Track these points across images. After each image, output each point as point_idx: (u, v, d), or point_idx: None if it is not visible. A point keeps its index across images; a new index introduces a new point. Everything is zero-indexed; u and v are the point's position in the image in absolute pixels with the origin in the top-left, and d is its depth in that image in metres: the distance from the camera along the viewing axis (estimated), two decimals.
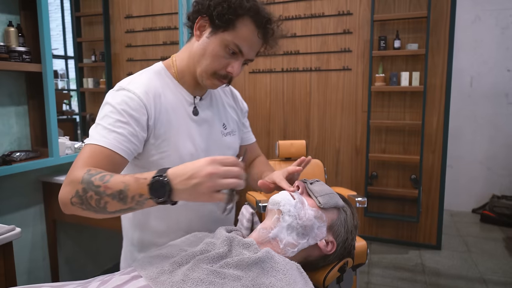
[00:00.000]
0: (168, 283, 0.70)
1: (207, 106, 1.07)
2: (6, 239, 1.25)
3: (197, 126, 1.02)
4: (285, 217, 0.88)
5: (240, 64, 0.96)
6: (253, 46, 0.96)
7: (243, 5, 0.90)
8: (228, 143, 1.09)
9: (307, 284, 0.77)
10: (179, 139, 0.98)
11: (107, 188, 0.75)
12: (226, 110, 1.13)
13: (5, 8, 1.91)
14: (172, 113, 0.98)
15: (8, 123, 1.95)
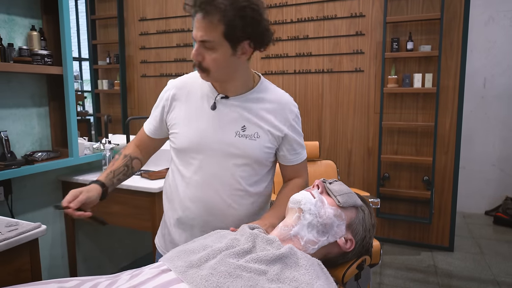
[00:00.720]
0: (197, 276, 0.74)
1: (232, 105, 1.13)
2: (32, 236, 1.30)
3: (211, 119, 1.13)
4: (305, 215, 0.91)
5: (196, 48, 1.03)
6: (196, 26, 1.00)
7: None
8: (239, 145, 1.11)
9: (329, 279, 0.80)
10: (190, 124, 1.15)
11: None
12: (260, 115, 1.13)
13: (28, 13, 1.97)
14: (193, 103, 1.16)
15: (30, 124, 2.01)
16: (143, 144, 1.29)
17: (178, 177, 1.19)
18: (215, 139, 1.11)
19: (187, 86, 1.18)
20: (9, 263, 1.23)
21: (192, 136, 1.13)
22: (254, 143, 1.12)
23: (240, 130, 1.12)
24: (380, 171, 3.17)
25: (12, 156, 1.87)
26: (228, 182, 1.12)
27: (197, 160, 1.13)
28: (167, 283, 0.74)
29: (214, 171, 1.12)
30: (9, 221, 1.36)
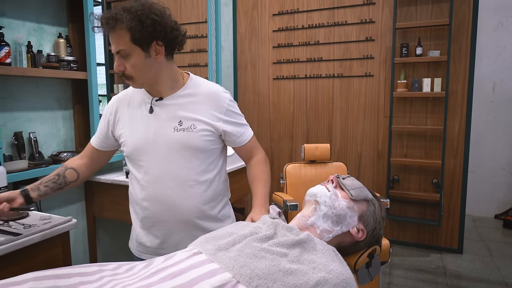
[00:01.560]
0: (226, 257, 0.83)
1: (166, 105, 1.25)
2: (64, 228, 1.40)
3: (150, 121, 1.25)
4: (321, 207, 1.00)
5: (116, 60, 1.16)
6: (111, 41, 1.14)
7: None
8: (179, 139, 1.22)
9: (342, 263, 0.88)
10: (133, 130, 1.27)
11: None
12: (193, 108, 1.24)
13: (55, 21, 2.09)
14: (133, 111, 1.28)
15: (56, 126, 2.13)
16: (91, 156, 1.41)
17: (134, 181, 1.31)
18: (156, 138, 1.23)
19: (127, 97, 1.32)
20: (44, 253, 1.33)
21: (135, 141, 1.26)
22: (192, 134, 1.23)
23: (178, 125, 1.23)
24: (390, 174, 3.23)
25: (40, 156, 1.98)
26: (177, 175, 1.23)
27: (144, 161, 1.25)
28: (200, 263, 0.82)
29: (161, 168, 1.23)
30: (43, 215, 1.47)
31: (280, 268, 0.79)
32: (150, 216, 1.28)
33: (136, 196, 1.31)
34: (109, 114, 1.34)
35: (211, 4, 3.19)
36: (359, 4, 3.25)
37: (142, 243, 1.35)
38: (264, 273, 0.77)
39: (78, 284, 0.85)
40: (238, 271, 0.78)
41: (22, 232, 1.29)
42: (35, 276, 0.85)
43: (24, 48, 1.89)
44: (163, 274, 0.81)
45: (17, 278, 0.85)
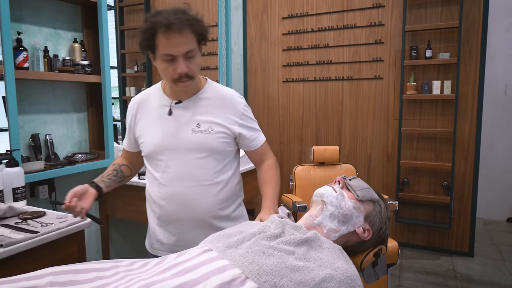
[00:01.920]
0: (235, 254, 0.86)
1: (184, 107, 1.30)
2: (80, 227, 1.44)
3: (169, 123, 1.30)
4: (328, 207, 1.02)
5: (182, 62, 1.18)
6: (176, 44, 1.16)
7: (147, 27, 1.16)
8: (197, 140, 1.28)
9: (348, 261, 0.90)
10: (152, 132, 1.32)
11: None
12: (209, 111, 1.31)
13: (71, 27, 2.16)
14: (152, 113, 1.34)
15: (71, 128, 2.19)
16: (127, 157, 1.49)
17: (152, 180, 1.36)
18: (174, 139, 1.28)
19: (146, 100, 1.37)
20: (61, 250, 1.38)
21: (154, 141, 1.31)
22: (209, 136, 1.29)
23: (195, 127, 1.29)
24: (400, 176, 3.23)
25: (56, 157, 2.04)
26: (194, 175, 1.28)
27: (163, 161, 1.30)
28: (211, 259, 0.86)
29: (179, 168, 1.28)
30: (59, 214, 1.52)
31: (287, 265, 0.82)
32: (167, 214, 1.32)
33: (153, 195, 1.35)
34: (131, 116, 1.40)
35: (221, 8, 3.24)
36: (368, 7, 3.27)
37: (159, 240, 1.38)
38: (271, 269, 0.81)
39: (95, 278, 0.89)
40: (247, 267, 0.82)
41: (39, 230, 1.34)
42: (54, 271, 0.89)
43: (41, 53, 1.96)
44: (176, 270, 0.85)
45: (37, 273, 0.89)
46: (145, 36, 1.17)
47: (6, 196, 1.60)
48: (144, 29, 1.17)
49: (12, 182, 1.61)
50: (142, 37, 1.19)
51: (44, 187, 1.99)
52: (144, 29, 1.17)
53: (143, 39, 1.19)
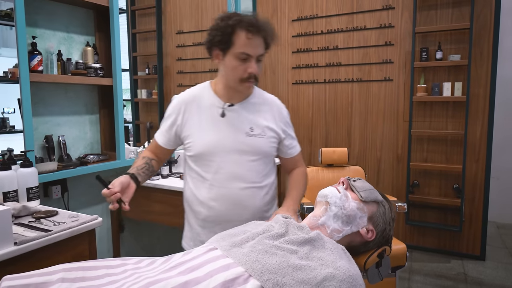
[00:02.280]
0: (239, 253, 0.88)
1: (238, 110, 1.33)
2: (91, 226, 1.48)
3: (222, 125, 1.32)
4: (332, 207, 1.04)
5: (254, 63, 1.23)
6: (254, 45, 1.22)
7: (229, 24, 1.20)
8: (251, 143, 1.32)
9: (351, 261, 0.91)
10: (204, 132, 1.32)
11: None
12: (261, 116, 1.36)
13: (83, 31, 2.21)
14: (203, 113, 1.34)
15: (84, 130, 2.24)
16: (155, 152, 1.46)
17: (198, 182, 1.37)
18: (228, 141, 1.31)
19: (195, 99, 1.37)
20: (72, 248, 1.42)
21: (207, 142, 1.32)
22: (262, 140, 1.33)
23: (249, 131, 1.32)
24: (410, 179, 3.21)
25: (69, 158, 2.09)
26: (245, 177, 1.32)
27: (215, 162, 1.31)
28: (215, 258, 0.88)
29: (232, 169, 1.31)
30: (71, 213, 1.56)
31: (290, 264, 0.84)
32: (216, 215, 1.33)
33: (200, 196, 1.35)
34: (176, 114, 1.37)
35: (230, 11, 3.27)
36: (378, 9, 3.26)
37: (202, 241, 1.37)
38: (274, 268, 0.82)
39: (104, 275, 0.91)
40: (250, 266, 0.84)
41: (52, 228, 1.38)
42: (65, 268, 0.92)
43: (55, 56, 2.01)
44: (182, 268, 0.87)
45: (49, 269, 0.92)
46: (221, 32, 1.21)
47: (21, 196, 1.65)
48: (222, 26, 1.21)
49: (27, 182, 1.66)
50: (217, 33, 1.22)
51: (57, 187, 2.04)
52: (222, 26, 1.21)
53: (219, 35, 1.21)
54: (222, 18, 1.24)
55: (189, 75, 4.04)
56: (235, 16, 1.22)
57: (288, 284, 0.79)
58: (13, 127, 1.98)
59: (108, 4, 2.14)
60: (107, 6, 2.15)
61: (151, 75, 4.20)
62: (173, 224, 2.28)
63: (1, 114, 1.98)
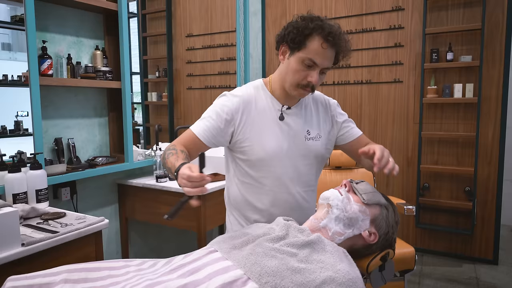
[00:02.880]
0: (239, 256, 0.88)
1: (294, 114, 1.29)
2: (97, 227, 1.50)
3: (282, 128, 1.27)
4: (333, 210, 1.03)
5: (317, 74, 1.18)
6: (325, 57, 1.16)
7: (308, 26, 1.14)
8: (309, 146, 1.30)
9: (351, 264, 0.90)
10: (263, 136, 1.25)
11: (166, 162, 1.15)
12: (314, 118, 1.33)
13: (93, 35, 2.24)
14: (261, 116, 1.27)
15: (93, 132, 2.27)
16: (191, 148, 1.24)
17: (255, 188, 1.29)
18: (289, 146, 1.27)
19: (252, 100, 1.28)
20: (79, 250, 1.44)
21: (268, 148, 1.24)
22: (318, 143, 1.31)
23: (307, 134, 1.30)
24: (420, 181, 3.17)
25: (78, 160, 2.12)
26: (304, 181, 1.30)
27: (276, 167, 1.26)
28: (215, 260, 0.88)
29: (292, 174, 1.28)
30: (78, 215, 1.58)
31: (289, 267, 0.83)
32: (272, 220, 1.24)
33: (255, 201, 1.29)
34: (234, 112, 1.24)
35: (239, 14, 3.29)
36: (388, 10, 3.24)
37: None
38: (273, 271, 0.82)
39: (107, 277, 0.92)
40: (249, 268, 0.83)
41: (59, 230, 1.40)
42: (68, 269, 0.94)
43: (65, 60, 2.05)
44: (182, 271, 0.88)
45: (53, 270, 0.93)
46: (297, 31, 1.15)
47: (30, 198, 1.68)
48: (300, 25, 1.15)
49: (36, 184, 1.68)
50: (293, 30, 1.16)
51: (66, 189, 2.06)
52: (300, 25, 1.15)
53: (294, 33, 1.15)
54: (304, 17, 1.18)
55: (198, 77, 4.07)
56: (317, 20, 1.16)
57: (286, 287, 0.79)
58: (26, 130, 2.00)
59: (117, 9, 2.17)
60: (116, 11, 2.17)
61: (161, 78, 4.24)
62: (181, 226, 2.29)
63: (15, 117, 2.02)
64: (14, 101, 2.08)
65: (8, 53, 2.09)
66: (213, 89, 3.92)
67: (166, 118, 4.21)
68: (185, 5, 4.07)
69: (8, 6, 2.00)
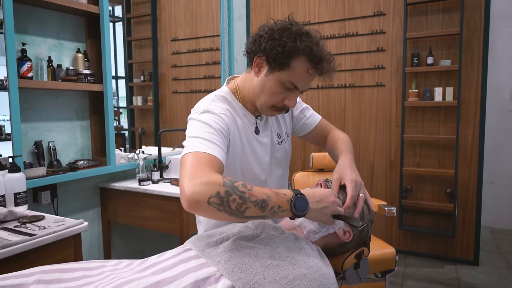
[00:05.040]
0: (213, 254, 0.89)
1: (263, 123, 1.20)
2: (76, 230, 1.48)
3: (259, 142, 1.18)
4: None
5: (296, 97, 1.08)
6: (307, 81, 1.05)
7: (296, 47, 0.99)
8: (284, 149, 1.27)
9: (324, 262, 0.92)
10: (246, 153, 1.14)
11: (251, 195, 0.84)
12: (278, 120, 1.26)
13: (74, 37, 2.23)
14: (241, 132, 1.13)
15: (74, 136, 2.25)
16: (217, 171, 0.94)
17: None
18: (269, 158, 1.21)
19: (232, 119, 1.13)
20: (57, 253, 1.42)
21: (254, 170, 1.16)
22: (287, 143, 1.30)
23: (278, 138, 1.25)
24: (403, 184, 3.22)
25: (58, 163, 2.10)
26: (281, 186, 1.30)
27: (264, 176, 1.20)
28: (189, 258, 0.89)
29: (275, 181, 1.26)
30: (57, 218, 1.56)
31: (262, 264, 0.84)
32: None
33: None
34: (225, 132, 1.07)
35: (224, 18, 3.31)
36: (370, 15, 3.29)
37: None
38: (246, 268, 0.83)
39: (81, 277, 0.92)
40: (222, 266, 0.84)
41: (36, 233, 1.38)
42: (42, 270, 0.93)
43: (45, 63, 2.03)
44: (155, 268, 0.88)
45: (26, 271, 0.92)
46: (282, 49, 1.00)
47: (8, 201, 1.66)
48: (286, 43, 1.00)
49: (14, 187, 1.66)
50: (277, 47, 1.00)
51: (46, 192, 2.04)
52: (286, 43, 1.00)
53: (279, 51, 1.00)
54: (290, 33, 1.01)
55: (184, 81, 4.07)
56: (306, 38, 1.01)
57: (259, 283, 0.79)
58: (8, 134, 1.96)
59: (99, 11, 2.16)
60: (97, 13, 2.17)
61: (147, 82, 4.23)
62: (164, 229, 2.28)
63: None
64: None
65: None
66: (198, 93, 3.93)
67: (152, 122, 4.20)
68: (170, 10, 4.08)
69: None
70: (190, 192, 0.81)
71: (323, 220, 0.96)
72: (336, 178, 1.08)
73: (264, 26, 1.07)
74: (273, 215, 0.87)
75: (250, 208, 0.83)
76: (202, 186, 0.82)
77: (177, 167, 2.55)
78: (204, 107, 1.08)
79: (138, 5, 4.16)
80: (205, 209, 0.82)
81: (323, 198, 0.94)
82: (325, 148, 1.39)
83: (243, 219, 0.86)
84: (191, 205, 0.82)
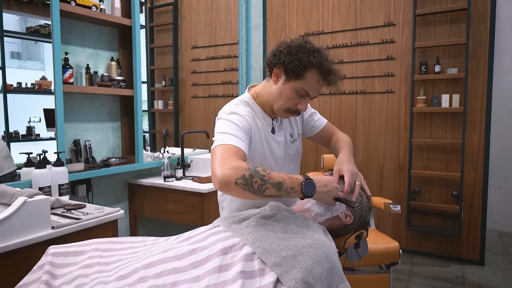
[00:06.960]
0: (237, 228, 1.09)
1: (279, 124, 1.41)
2: (114, 216, 1.70)
3: (275, 140, 1.38)
4: None
5: (307, 102, 1.30)
6: (317, 90, 1.27)
7: (310, 61, 1.21)
8: (295, 147, 1.46)
9: (328, 238, 1.11)
10: (264, 149, 1.34)
11: (270, 178, 1.04)
12: (291, 122, 1.46)
13: (109, 47, 2.47)
14: (261, 132, 1.34)
15: (107, 136, 2.49)
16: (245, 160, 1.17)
17: None
18: (283, 155, 1.41)
19: (253, 121, 1.32)
20: (98, 236, 1.62)
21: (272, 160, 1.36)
22: (299, 141, 1.49)
23: (290, 137, 1.45)
24: (411, 186, 3.37)
25: (93, 160, 2.33)
26: None
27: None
28: (218, 232, 1.09)
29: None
30: (97, 206, 1.78)
31: (276, 236, 1.04)
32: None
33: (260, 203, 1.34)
34: (248, 129, 1.27)
35: (242, 28, 3.52)
36: (381, 25, 3.47)
37: None
38: (264, 238, 1.02)
39: (129, 248, 1.13)
40: (245, 237, 1.04)
41: (82, 217, 1.60)
42: (98, 241, 1.15)
43: (84, 70, 2.27)
44: (191, 240, 1.08)
45: (84, 242, 1.14)
46: (300, 64, 1.20)
47: (53, 191, 1.89)
48: (301, 58, 1.20)
49: (59, 179, 1.90)
50: (295, 61, 1.21)
51: (82, 186, 2.28)
52: (301, 58, 1.20)
53: (296, 64, 1.20)
54: (305, 49, 1.22)
55: (202, 87, 4.28)
56: (318, 54, 1.22)
57: (274, 250, 0.99)
58: (38, 135, 2.13)
59: (131, 24, 2.40)
60: (129, 26, 2.41)
61: (167, 87, 4.46)
62: (187, 221, 2.49)
63: (28, 123, 2.19)
64: (26, 107, 2.17)
65: (17, 61, 2.17)
66: (216, 98, 4.14)
67: (172, 125, 4.43)
68: (191, 19, 4.31)
69: (17, 16, 2.10)
70: (221, 174, 1.01)
71: (326, 201, 1.17)
72: (336, 169, 1.29)
73: (282, 43, 1.30)
74: (287, 195, 1.07)
75: (269, 188, 1.03)
76: (230, 170, 1.02)
77: (198, 165, 2.76)
78: (231, 109, 1.30)
79: (161, 14, 4.40)
80: (233, 188, 1.01)
81: (328, 183, 1.16)
82: (329, 148, 1.60)
83: (263, 198, 1.06)
84: (222, 185, 1.01)
